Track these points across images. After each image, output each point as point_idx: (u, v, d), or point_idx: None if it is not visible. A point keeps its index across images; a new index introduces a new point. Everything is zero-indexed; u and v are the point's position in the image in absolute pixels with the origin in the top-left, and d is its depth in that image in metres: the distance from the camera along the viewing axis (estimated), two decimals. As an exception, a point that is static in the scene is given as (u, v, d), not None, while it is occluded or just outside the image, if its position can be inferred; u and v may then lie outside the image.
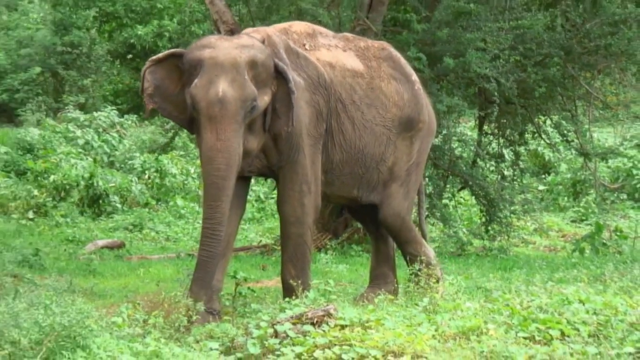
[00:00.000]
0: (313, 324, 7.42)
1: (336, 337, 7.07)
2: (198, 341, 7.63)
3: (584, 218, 19.33)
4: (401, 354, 6.70)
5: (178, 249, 14.83)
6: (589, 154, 16.14)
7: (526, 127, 15.90)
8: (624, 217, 18.65)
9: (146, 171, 20.88)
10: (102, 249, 14.10)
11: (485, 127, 15.95)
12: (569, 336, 7.35)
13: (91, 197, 17.75)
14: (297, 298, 8.53)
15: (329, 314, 7.53)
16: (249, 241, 15.75)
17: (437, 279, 9.68)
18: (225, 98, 8.52)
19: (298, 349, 6.94)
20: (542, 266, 12.90)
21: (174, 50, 9.29)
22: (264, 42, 9.07)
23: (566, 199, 21.56)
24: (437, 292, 8.77)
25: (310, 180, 9.27)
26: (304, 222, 9.31)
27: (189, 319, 8.20)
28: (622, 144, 21.70)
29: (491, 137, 16.02)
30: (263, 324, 7.50)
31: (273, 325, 7.46)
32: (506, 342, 7.15)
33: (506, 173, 16.19)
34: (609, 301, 8.03)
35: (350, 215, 11.31)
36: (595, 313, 7.77)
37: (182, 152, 22.72)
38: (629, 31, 14.21)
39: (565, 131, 16.04)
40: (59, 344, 6.96)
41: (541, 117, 15.90)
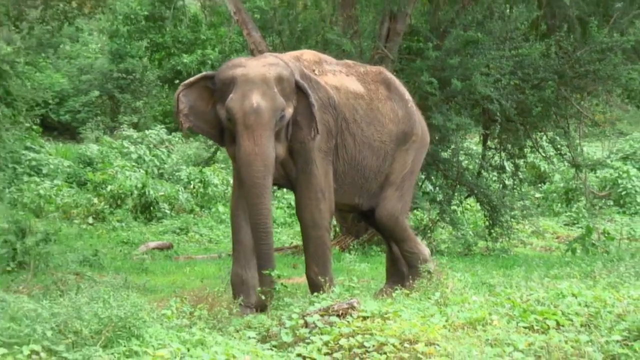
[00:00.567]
0: (338, 315, 7.43)
1: (359, 327, 7.07)
2: (238, 331, 7.64)
3: (575, 222, 19.28)
4: (416, 341, 6.69)
5: (219, 250, 14.81)
6: (579, 165, 16.16)
7: (524, 142, 15.88)
8: (610, 221, 18.59)
9: (191, 182, 20.91)
10: (153, 250, 14.11)
11: (488, 142, 15.93)
12: (563, 326, 7.35)
13: (143, 204, 17.77)
14: (324, 293, 8.55)
15: (352, 307, 7.54)
16: (282, 243, 15.73)
17: (431, 273, 9.73)
18: (259, 108, 8.65)
19: (325, 337, 6.95)
20: (539, 264, 12.85)
21: (204, 74, 9.42)
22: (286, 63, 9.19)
23: (559, 205, 21.50)
24: (446, 286, 8.76)
25: (324, 188, 9.34)
26: (322, 225, 9.39)
27: (230, 311, 8.22)
28: (609, 156, 21.66)
29: (494, 151, 16.00)
30: (295, 316, 7.52)
31: (303, 317, 7.47)
32: (508, 331, 7.15)
33: (507, 182, 16.18)
34: (598, 295, 8.02)
35: (363, 220, 11.27)
36: (586, 305, 7.76)
37: (222, 165, 22.68)
38: (614, 58, 14.20)
39: (559, 145, 16.07)
40: (116, 333, 6.97)
41: (538, 133, 15.89)
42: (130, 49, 33.99)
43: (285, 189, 15.67)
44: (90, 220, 16.69)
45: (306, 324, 7.34)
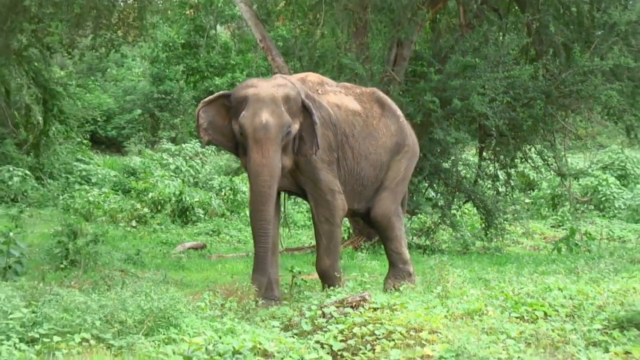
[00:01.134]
0: (352, 307, 7.45)
1: (370, 317, 7.08)
2: (263, 320, 7.66)
3: (560, 224, 19.22)
4: (420, 330, 6.70)
5: (247, 249, 14.78)
6: (564, 174, 16.12)
7: (516, 153, 15.86)
8: (592, 223, 18.54)
9: (222, 189, 20.91)
10: (189, 250, 14.11)
11: (484, 154, 15.91)
12: (550, 316, 7.34)
13: (180, 209, 17.79)
14: (334, 284, 8.74)
15: (364, 299, 7.56)
16: (302, 243, 15.73)
17: (410, 274, 9.92)
18: (268, 125, 8.79)
19: (340, 326, 6.97)
20: (528, 262, 12.82)
21: (221, 93, 9.55)
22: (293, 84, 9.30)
23: (547, 209, 21.46)
24: (447, 280, 8.75)
25: (333, 189, 9.42)
26: (333, 222, 9.44)
27: (257, 303, 8.22)
28: (590, 166, 21.60)
29: (488, 162, 15.97)
30: (313, 307, 7.55)
31: (321, 308, 7.50)
32: (502, 320, 7.15)
33: (500, 189, 16.15)
34: (581, 289, 8.02)
35: (367, 225, 11.29)
36: (570, 298, 7.75)
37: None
38: (595, 79, 14.15)
39: (546, 157, 16.05)
40: (156, 323, 6.99)
41: (527, 146, 15.85)
42: (168, 72, 34.10)
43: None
44: (134, 223, 16.70)
45: (323, 315, 7.38)
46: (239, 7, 15.46)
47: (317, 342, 6.79)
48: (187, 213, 17.84)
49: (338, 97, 9.89)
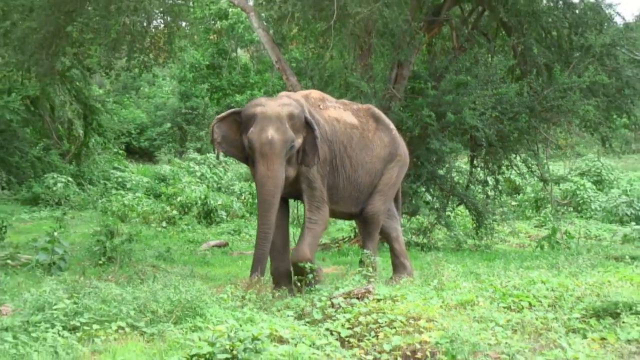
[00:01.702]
0: (358, 298, 7.46)
1: (374, 307, 7.08)
2: (279, 310, 7.65)
3: (543, 224, 19.17)
4: (419, 318, 6.70)
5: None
6: (546, 180, 16.09)
7: (503, 161, 15.83)
8: (571, 223, 18.49)
9: (242, 193, 20.94)
10: (213, 247, 14.12)
11: (475, 162, 15.87)
12: (534, 306, 7.33)
13: (205, 211, 17.79)
14: (304, 275, 8.89)
15: (369, 292, 7.56)
16: (313, 241, 15.70)
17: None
18: (273, 140, 8.85)
19: (347, 315, 6.99)
20: (515, 258, 12.79)
21: (233, 110, 9.56)
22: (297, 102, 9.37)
23: (531, 211, 21.42)
24: (442, 274, 8.73)
25: (324, 198, 9.49)
26: (318, 222, 9.43)
27: (273, 295, 8.22)
28: (569, 173, 21.52)
29: (479, 169, 15.94)
30: (323, 298, 7.55)
31: (330, 299, 7.51)
32: (491, 310, 7.14)
33: (489, 193, 16.11)
34: (562, 282, 8.00)
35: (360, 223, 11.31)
36: (552, 290, 7.73)
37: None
38: (573, 95, 14.13)
39: (530, 164, 16.01)
40: (184, 312, 7.00)
41: (513, 154, 15.81)
42: (194, 90, 34.19)
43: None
44: (164, 224, 16.71)
45: (332, 305, 7.38)
46: (257, 33, 15.46)
47: (327, 329, 6.81)
48: (211, 215, 17.83)
49: (337, 112, 9.95)
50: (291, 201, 10.15)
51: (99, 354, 6.17)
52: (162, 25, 18.14)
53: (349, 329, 6.78)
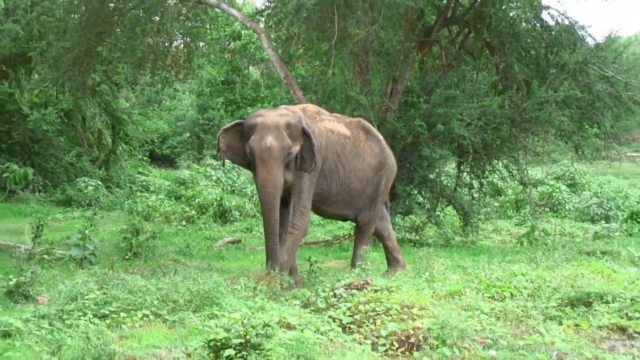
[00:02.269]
0: (357, 289, 7.47)
1: (372, 297, 7.11)
2: (287, 300, 7.67)
3: (523, 223, 19.14)
4: (412, 307, 6.71)
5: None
6: (525, 183, 16.08)
7: (487, 167, 15.83)
8: (547, 222, 18.46)
9: (254, 195, 20.87)
10: (227, 244, 14.11)
11: (461, 167, 15.87)
12: (515, 296, 7.35)
13: (220, 211, 17.78)
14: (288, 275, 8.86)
15: (367, 283, 7.58)
16: (317, 238, 15.67)
17: (398, 261, 10.18)
18: (271, 147, 8.87)
19: (348, 304, 7.02)
20: (497, 253, 12.77)
21: (236, 121, 9.56)
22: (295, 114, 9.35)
23: (511, 211, 21.39)
24: (433, 268, 8.73)
25: (309, 205, 9.50)
26: (300, 228, 9.39)
27: (282, 286, 8.21)
28: (546, 177, 21.56)
29: (465, 173, 15.94)
30: (327, 289, 7.58)
31: (333, 290, 7.52)
32: (477, 299, 7.16)
33: (475, 195, 16.10)
34: (540, 274, 8.02)
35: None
36: (531, 281, 7.75)
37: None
38: (549, 108, 14.17)
39: (511, 169, 16.03)
40: (202, 302, 7.01)
41: (496, 160, 15.81)
42: (211, 103, 34.21)
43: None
44: (184, 223, 16.69)
45: (335, 295, 7.40)
46: (267, 52, 15.47)
47: (330, 316, 6.83)
48: (226, 214, 17.82)
49: (331, 124, 9.96)
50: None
51: (126, 339, 6.19)
52: (182, 46, 18.14)
53: (349, 316, 6.81)
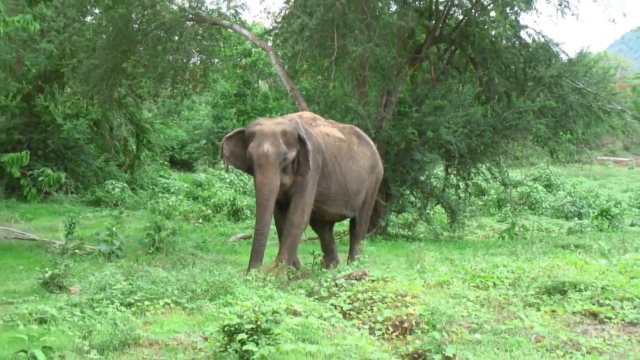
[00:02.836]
0: (356, 279, 7.46)
1: (369, 286, 7.10)
2: (293, 289, 7.66)
3: (504, 219, 19.10)
4: (405, 295, 6.71)
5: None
6: (506, 184, 16.11)
7: (472, 169, 15.82)
8: (526, 219, 18.42)
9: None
10: (240, 239, 14.07)
11: (449, 170, 15.85)
12: (498, 285, 7.35)
13: (233, 210, 17.74)
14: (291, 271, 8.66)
15: (365, 274, 7.57)
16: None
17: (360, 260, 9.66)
18: (268, 153, 8.79)
19: (348, 293, 7.02)
20: (481, 247, 12.76)
21: (238, 129, 9.50)
22: (291, 121, 9.29)
23: (494, 209, 21.35)
24: (424, 260, 8.71)
25: (309, 204, 9.32)
26: (300, 226, 9.28)
27: (289, 277, 8.21)
28: (525, 178, 21.57)
29: (452, 176, 15.91)
30: (329, 280, 7.57)
31: (334, 280, 7.50)
32: (463, 288, 7.14)
33: (461, 195, 16.06)
34: (520, 265, 8.01)
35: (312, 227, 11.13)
36: (512, 272, 7.75)
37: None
38: (527, 116, 14.19)
39: (493, 172, 16.03)
40: (217, 291, 7.02)
41: (480, 164, 15.79)
42: (225, 114, 34.23)
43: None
44: (200, 220, 16.67)
45: (336, 285, 7.39)
46: (275, 68, 15.51)
47: (332, 304, 6.83)
48: (238, 213, 17.78)
49: (327, 129, 9.88)
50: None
51: (149, 324, 6.20)
52: (198, 62, 18.16)
53: (349, 304, 6.81)
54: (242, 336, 5.06)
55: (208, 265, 8.78)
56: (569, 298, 6.73)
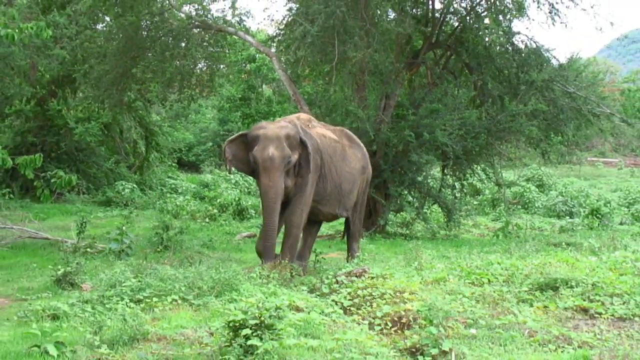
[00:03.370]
0: (356, 276, 7.46)
1: (369, 283, 7.10)
2: (296, 286, 7.64)
3: (498, 218, 19.03)
4: (403, 291, 6.70)
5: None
6: (500, 184, 16.09)
7: (467, 170, 15.79)
8: (519, 218, 18.37)
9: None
10: (245, 238, 14.06)
11: (445, 170, 15.82)
12: (492, 282, 7.33)
13: (239, 210, 17.69)
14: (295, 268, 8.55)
15: (365, 271, 7.57)
16: (321, 232, 15.51)
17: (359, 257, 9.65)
18: (273, 157, 8.66)
19: (349, 289, 7.02)
20: (477, 244, 12.75)
21: (241, 133, 9.38)
22: (291, 124, 9.18)
23: (488, 208, 21.31)
24: (421, 258, 8.70)
25: (308, 204, 9.20)
26: (300, 226, 9.19)
27: (292, 275, 8.19)
28: (518, 179, 21.51)
29: (448, 176, 15.88)
30: (330, 276, 7.57)
31: (335, 277, 7.50)
32: (459, 285, 7.13)
33: (457, 195, 16.06)
34: (513, 263, 7.99)
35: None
36: (506, 269, 7.73)
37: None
38: (520, 119, 14.23)
39: (488, 172, 16.00)
40: (223, 288, 7.02)
41: (475, 165, 15.77)
42: (230, 117, 34.15)
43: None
44: (207, 220, 16.64)
45: (337, 282, 7.39)
46: (278, 73, 15.50)
47: (333, 300, 6.84)
48: (243, 212, 17.75)
49: (322, 130, 9.78)
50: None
51: (157, 320, 6.20)
52: (205, 67, 18.16)
53: (349, 300, 6.81)
54: (246, 331, 5.05)
55: (214, 263, 8.76)
56: (561, 294, 6.72)
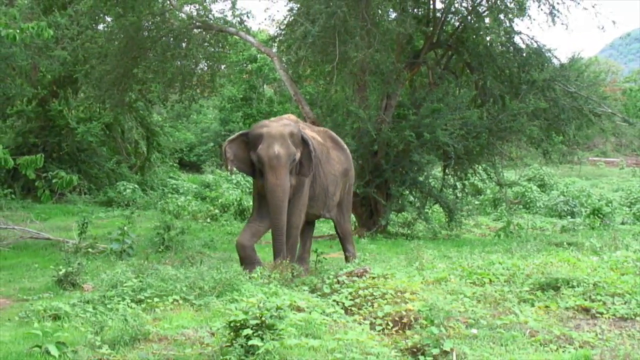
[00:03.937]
0: (357, 276, 7.45)
1: (370, 283, 7.09)
2: (297, 286, 7.64)
3: (499, 218, 19.04)
4: (404, 291, 6.70)
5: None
6: (501, 184, 16.08)
7: (468, 170, 15.80)
8: (521, 217, 18.36)
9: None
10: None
11: (446, 170, 15.82)
12: (493, 281, 7.34)
13: (240, 210, 17.67)
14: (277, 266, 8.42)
15: (366, 271, 7.55)
16: (323, 233, 15.59)
17: (355, 257, 9.64)
18: (279, 155, 8.59)
19: (350, 289, 7.01)
20: (478, 244, 12.75)
21: (241, 132, 9.29)
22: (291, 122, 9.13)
23: (490, 208, 21.33)
24: (422, 257, 8.69)
25: (305, 204, 9.13)
26: (298, 226, 9.11)
27: (293, 275, 8.19)
28: (519, 178, 21.51)
29: (450, 176, 15.89)
30: (331, 276, 7.57)
31: (336, 277, 7.49)
32: (460, 285, 7.13)
33: (458, 195, 16.05)
34: (515, 262, 7.99)
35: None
36: (507, 269, 7.73)
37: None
38: (521, 119, 14.21)
39: (489, 172, 16.01)
40: (224, 288, 7.02)
41: (476, 165, 15.78)
42: (231, 117, 34.15)
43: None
44: (208, 220, 16.63)
45: (338, 282, 7.38)
46: (279, 73, 15.48)
47: (334, 300, 6.83)
48: (245, 213, 17.72)
49: (310, 132, 9.64)
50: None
51: (158, 320, 6.20)
52: (206, 68, 18.14)
53: (351, 300, 6.80)
54: (247, 331, 5.05)
55: (215, 263, 8.77)
56: (562, 294, 6.72)
